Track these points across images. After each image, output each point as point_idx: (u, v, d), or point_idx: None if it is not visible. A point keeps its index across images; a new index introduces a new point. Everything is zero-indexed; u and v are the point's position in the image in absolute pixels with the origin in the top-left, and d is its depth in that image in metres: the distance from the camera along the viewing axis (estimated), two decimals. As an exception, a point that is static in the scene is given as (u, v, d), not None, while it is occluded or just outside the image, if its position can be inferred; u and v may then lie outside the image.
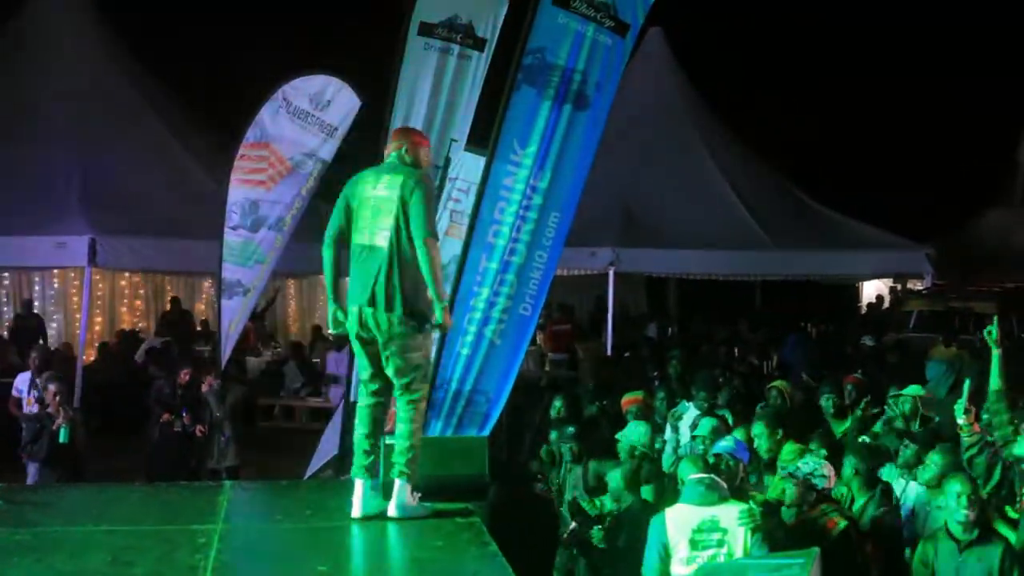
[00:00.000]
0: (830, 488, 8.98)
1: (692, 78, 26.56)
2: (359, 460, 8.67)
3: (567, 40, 10.28)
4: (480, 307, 10.33)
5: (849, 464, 9.43)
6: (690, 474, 8.14)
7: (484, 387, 10.45)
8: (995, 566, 7.85)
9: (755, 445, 10.31)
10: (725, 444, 9.32)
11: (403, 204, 8.45)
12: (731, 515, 7.67)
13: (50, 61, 21.81)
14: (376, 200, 8.59)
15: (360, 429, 8.79)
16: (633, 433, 10.79)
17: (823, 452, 9.90)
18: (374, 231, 8.55)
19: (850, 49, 39.64)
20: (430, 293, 8.42)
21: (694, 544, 7.60)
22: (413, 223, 8.42)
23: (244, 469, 15.50)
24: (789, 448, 10.04)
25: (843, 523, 8.54)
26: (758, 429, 10.40)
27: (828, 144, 39.06)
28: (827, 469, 8.93)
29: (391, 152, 8.91)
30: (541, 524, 10.47)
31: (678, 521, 7.67)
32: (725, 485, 8.06)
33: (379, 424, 8.86)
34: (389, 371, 8.62)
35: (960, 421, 8.85)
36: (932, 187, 37.08)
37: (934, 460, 9.17)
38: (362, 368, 8.95)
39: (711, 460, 9.12)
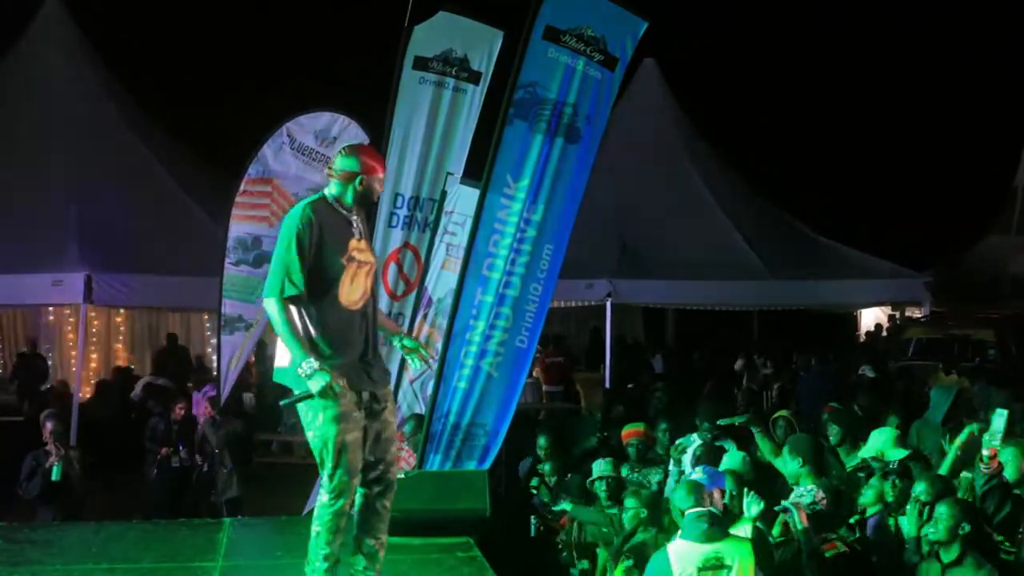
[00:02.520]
0: (827, 511, 8.98)
1: (686, 109, 26.60)
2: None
3: (558, 74, 10.33)
4: (476, 340, 10.34)
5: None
6: (686, 506, 8.06)
7: (482, 420, 10.45)
8: None
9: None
10: (700, 478, 9.15)
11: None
12: (733, 551, 7.62)
13: (46, 97, 21.83)
14: None
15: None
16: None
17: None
18: None
19: (846, 78, 39.74)
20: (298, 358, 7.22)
21: (700, 582, 7.55)
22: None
23: (244, 505, 15.44)
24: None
25: (842, 548, 8.52)
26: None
27: (825, 173, 39.12)
28: (819, 495, 8.92)
29: None
30: (542, 559, 10.45)
31: (681, 557, 7.62)
32: (723, 520, 7.99)
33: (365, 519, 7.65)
34: None
35: (984, 453, 8.81)
36: (929, 215, 37.12)
37: (918, 490, 9.17)
38: None
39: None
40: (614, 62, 10.47)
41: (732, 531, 8.02)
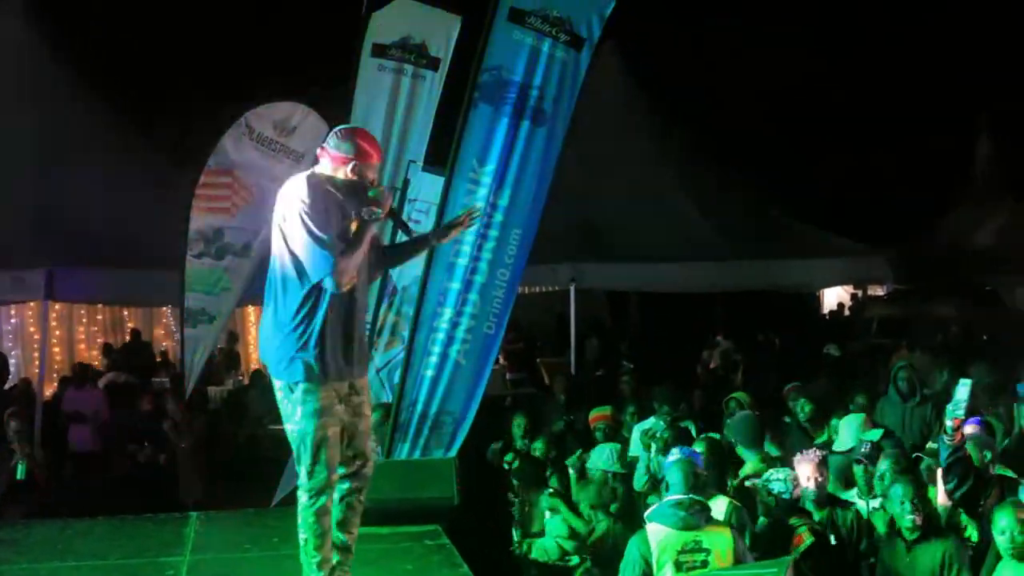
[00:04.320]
0: (798, 498, 9.00)
1: (648, 90, 26.54)
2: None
3: (523, 56, 10.27)
4: (444, 328, 10.29)
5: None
6: (679, 489, 8.01)
7: (450, 408, 10.42)
8: (938, 562, 8.17)
9: None
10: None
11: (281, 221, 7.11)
12: (712, 537, 7.59)
13: (1, 89, 21.59)
14: None
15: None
16: (599, 457, 10.77)
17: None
18: None
19: (803, 55, 39.75)
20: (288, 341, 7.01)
21: (679, 566, 7.53)
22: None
23: (210, 499, 15.36)
24: (756, 462, 10.05)
25: (810, 539, 8.54)
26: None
27: (785, 151, 39.17)
28: (792, 480, 8.93)
29: None
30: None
31: (661, 541, 7.59)
32: (707, 506, 7.96)
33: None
34: None
35: (948, 424, 8.84)
36: (889, 191, 37.25)
37: (881, 469, 9.27)
38: None
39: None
40: (581, 42, 10.42)
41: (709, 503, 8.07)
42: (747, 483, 9.55)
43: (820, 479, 9.13)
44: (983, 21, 38.13)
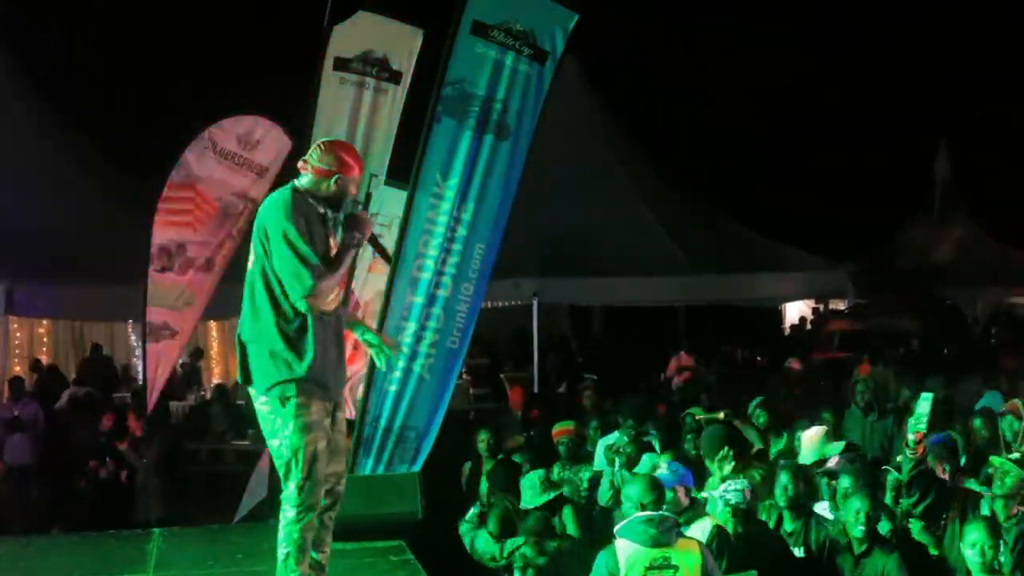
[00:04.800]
0: (753, 509, 9.04)
1: (608, 104, 26.59)
2: None
3: (486, 69, 10.25)
4: (407, 342, 10.25)
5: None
6: (639, 501, 8.01)
7: (414, 423, 10.38)
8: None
9: None
10: (663, 474, 9.13)
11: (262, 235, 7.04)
12: (682, 555, 7.58)
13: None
14: None
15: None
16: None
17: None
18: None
19: (764, 70, 39.96)
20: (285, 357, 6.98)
21: (647, 584, 7.51)
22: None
23: (173, 515, 15.29)
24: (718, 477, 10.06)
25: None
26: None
27: (745, 165, 39.36)
28: (747, 493, 8.96)
29: None
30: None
31: (629, 557, 7.56)
32: (678, 522, 7.94)
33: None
34: None
35: (910, 437, 8.89)
36: (849, 205, 37.44)
37: (844, 485, 9.31)
38: None
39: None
40: (544, 56, 10.42)
41: (694, 525, 8.07)
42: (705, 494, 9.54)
43: (796, 490, 9.13)
44: (941, 45, 38.52)
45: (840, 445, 10.93)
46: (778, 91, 40.22)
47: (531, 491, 10.38)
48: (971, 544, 7.80)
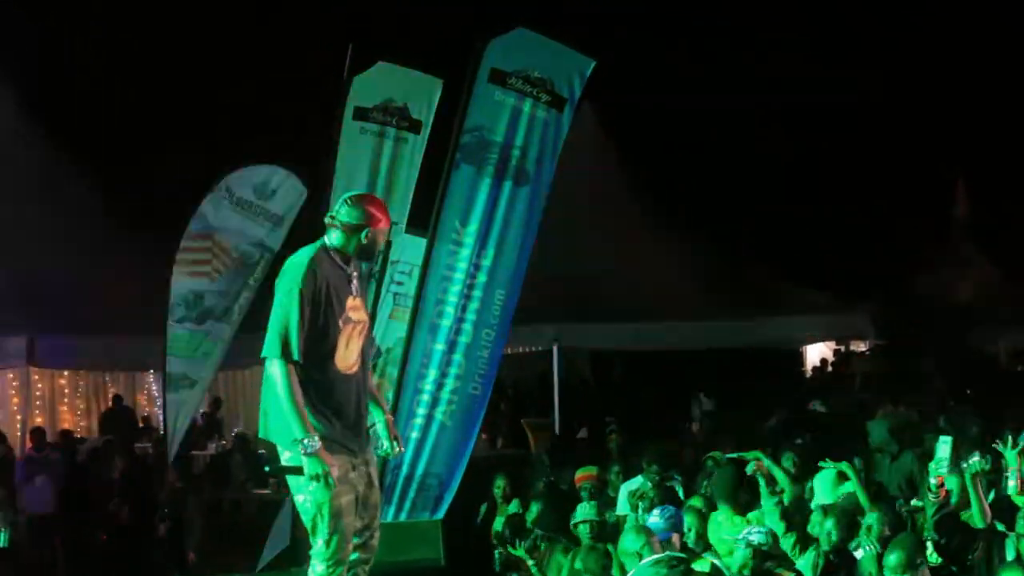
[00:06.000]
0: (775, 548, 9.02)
1: (629, 153, 26.64)
2: None
3: (504, 117, 10.30)
4: (428, 389, 10.27)
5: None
6: (637, 548, 7.98)
7: (436, 470, 10.38)
8: None
9: None
10: (655, 523, 9.08)
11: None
12: None
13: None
14: None
15: None
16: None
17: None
18: None
19: (781, 110, 39.95)
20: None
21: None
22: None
23: (195, 564, 15.26)
24: (738, 520, 10.02)
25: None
26: None
27: (764, 208, 39.28)
28: (771, 535, 8.93)
29: None
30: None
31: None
32: (686, 560, 7.91)
33: None
34: None
35: (932, 481, 8.84)
36: (869, 246, 37.35)
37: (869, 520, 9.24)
38: None
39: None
40: (562, 102, 10.46)
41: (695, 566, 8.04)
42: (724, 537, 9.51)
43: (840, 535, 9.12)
44: (960, 83, 38.49)
45: (850, 485, 10.84)
46: (798, 130, 40.18)
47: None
48: None
